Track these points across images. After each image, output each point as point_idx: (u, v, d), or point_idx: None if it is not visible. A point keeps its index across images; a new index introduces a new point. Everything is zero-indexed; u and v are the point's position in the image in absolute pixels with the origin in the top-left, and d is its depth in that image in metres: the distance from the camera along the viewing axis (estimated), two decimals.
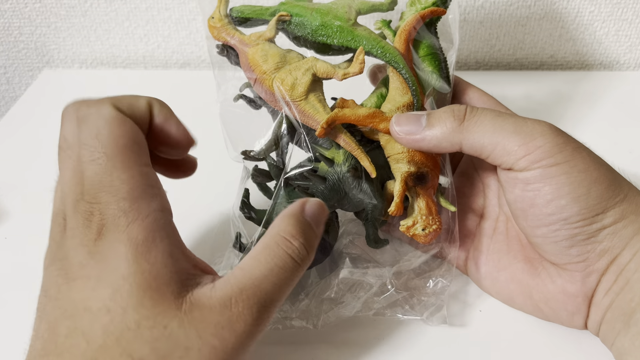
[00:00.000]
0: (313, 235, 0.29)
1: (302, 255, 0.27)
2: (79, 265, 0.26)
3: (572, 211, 0.29)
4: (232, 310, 0.25)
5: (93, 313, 0.25)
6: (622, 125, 0.53)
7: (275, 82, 0.33)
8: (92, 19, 0.63)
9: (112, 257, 0.25)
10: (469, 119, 0.31)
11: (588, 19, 0.61)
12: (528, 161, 0.30)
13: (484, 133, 0.31)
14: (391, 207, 0.33)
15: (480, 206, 0.37)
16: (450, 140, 0.31)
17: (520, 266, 0.34)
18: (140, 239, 0.26)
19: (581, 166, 0.29)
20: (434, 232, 0.33)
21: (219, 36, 0.35)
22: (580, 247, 0.30)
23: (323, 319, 0.34)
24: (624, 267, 0.29)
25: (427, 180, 0.33)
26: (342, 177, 0.33)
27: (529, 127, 0.30)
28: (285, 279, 0.27)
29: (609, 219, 0.29)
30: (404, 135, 0.32)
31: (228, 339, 0.25)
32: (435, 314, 0.34)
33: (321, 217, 0.30)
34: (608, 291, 0.30)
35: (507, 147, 0.30)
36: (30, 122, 0.56)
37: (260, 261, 0.27)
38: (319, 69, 0.33)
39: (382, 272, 0.35)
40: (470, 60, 0.64)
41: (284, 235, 0.28)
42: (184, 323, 0.25)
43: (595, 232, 0.30)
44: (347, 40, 0.34)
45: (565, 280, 0.31)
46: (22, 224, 0.44)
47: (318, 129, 0.32)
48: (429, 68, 0.35)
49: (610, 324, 0.30)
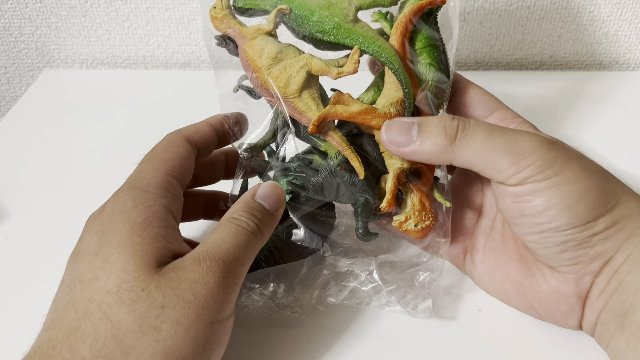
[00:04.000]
0: (263, 213, 0.32)
1: (251, 226, 0.31)
2: (86, 244, 0.29)
3: (562, 220, 0.29)
4: (202, 266, 0.28)
5: (84, 283, 0.27)
6: (622, 126, 0.53)
7: (268, 79, 0.33)
8: (93, 19, 0.63)
9: (111, 232, 0.29)
10: (460, 138, 0.31)
11: (588, 19, 0.61)
12: (518, 179, 0.30)
13: (475, 153, 0.31)
14: (382, 204, 0.33)
15: (478, 204, 0.37)
16: (440, 158, 0.31)
17: (514, 265, 0.34)
18: (139, 220, 0.29)
19: (571, 177, 0.29)
20: (427, 227, 0.33)
21: (219, 26, 0.35)
22: (572, 252, 0.30)
23: (311, 306, 0.35)
24: (617, 269, 0.30)
25: (420, 177, 0.33)
26: (334, 170, 0.33)
27: (520, 145, 0.30)
28: (241, 241, 0.30)
29: (600, 225, 0.29)
30: (394, 147, 0.32)
31: (200, 291, 0.27)
32: (421, 307, 0.35)
33: (275, 196, 0.32)
34: (602, 293, 0.30)
35: (498, 166, 0.30)
36: (30, 122, 0.56)
37: (217, 232, 0.30)
38: (314, 67, 0.33)
39: (369, 262, 0.35)
40: (470, 60, 0.64)
41: (233, 215, 0.31)
42: (161, 284, 0.27)
43: (587, 238, 0.30)
44: (343, 38, 0.33)
45: (559, 281, 0.31)
46: (22, 224, 0.44)
47: (310, 126, 0.32)
48: (427, 60, 0.34)
49: (605, 325, 0.30)
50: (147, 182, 0.31)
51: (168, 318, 0.26)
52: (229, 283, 0.28)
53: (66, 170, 0.50)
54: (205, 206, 0.39)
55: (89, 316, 0.26)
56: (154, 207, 0.30)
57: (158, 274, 0.27)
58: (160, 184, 0.31)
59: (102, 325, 0.26)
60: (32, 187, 0.48)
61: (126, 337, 0.26)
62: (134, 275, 0.27)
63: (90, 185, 0.47)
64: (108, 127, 0.55)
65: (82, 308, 0.27)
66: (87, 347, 0.25)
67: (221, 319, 0.28)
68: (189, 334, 0.27)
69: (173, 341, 0.26)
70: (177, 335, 0.26)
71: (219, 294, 0.28)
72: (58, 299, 0.28)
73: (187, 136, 0.34)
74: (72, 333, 0.26)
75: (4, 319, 0.36)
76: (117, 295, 0.27)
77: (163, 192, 0.31)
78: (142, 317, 0.26)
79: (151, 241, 0.28)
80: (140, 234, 0.28)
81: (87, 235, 0.30)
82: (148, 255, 0.28)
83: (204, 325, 0.27)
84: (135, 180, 0.31)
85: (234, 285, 0.29)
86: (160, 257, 0.28)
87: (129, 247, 0.28)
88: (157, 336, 0.26)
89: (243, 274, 0.30)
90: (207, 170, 0.38)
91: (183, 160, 0.33)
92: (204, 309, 0.27)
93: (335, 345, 0.34)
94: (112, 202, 0.30)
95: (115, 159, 0.51)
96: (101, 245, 0.28)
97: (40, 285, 0.38)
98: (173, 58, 0.66)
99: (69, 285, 0.28)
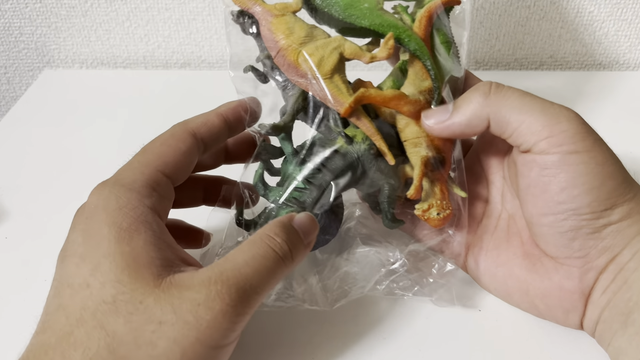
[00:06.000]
0: (298, 239, 0.29)
1: (284, 250, 0.28)
2: (72, 243, 0.28)
3: (583, 202, 0.29)
4: (210, 289, 0.26)
5: (74, 289, 0.26)
6: (621, 126, 0.53)
7: (301, 57, 0.32)
8: (93, 19, 0.63)
9: (97, 236, 0.27)
10: (496, 93, 0.31)
11: (588, 19, 0.61)
12: (549, 144, 0.29)
13: (511, 108, 0.31)
14: (410, 191, 0.33)
15: (483, 203, 0.37)
16: (479, 115, 0.31)
17: (518, 262, 0.34)
18: (124, 225, 0.27)
19: (600, 158, 0.29)
20: (447, 216, 0.34)
21: (240, 1, 0.34)
22: (583, 241, 0.30)
23: (331, 299, 0.34)
24: (624, 266, 0.29)
25: (444, 165, 0.34)
26: (362, 155, 0.33)
27: (556, 109, 0.30)
28: (267, 268, 0.27)
29: (616, 215, 0.29)
30: (434, 121, 0.32)
31: (203, 316, 0.25)
32: (443, 296, 0.35)
33: (310, 228, 0.30)
34: (606, 290, 0.30)
35: (532, 126, 0.30)
36: (30, 122, 0.56)
37: (243, 250, 0.28)
38: (347, 49, 0.32)
39: (394, 252, 0.35)
40: (470, 60, 0.64)
41: (268, 233, 0.28)
42: (160, 299, 0.25)
43: (601, 227, 0.30)
44: (375, 23, 0.33)
45: (563, 277, 0.31)
46: (22, 224, 0.44)
47: (344, 108, 0.32)
48: (444, 55, 0.35)
49: (608, 323, 0.30)
50: (133, 178, 0.30)
51: (165, 335, 0.25)
52: (238, 312, 0.26)
53: (66, 170, 0.50)
54: (204, 192, 0.37)
55: (82, 323, 0.25)
56: (139, 209, 0.28)
57: (158, 288, 0.26)
58: (146, 182, 0.30)
59: (95, 333, 0.25)
60: (32, 187, 0.48)
61: (120, 348, 0.25)
62: (131, 288, 0.26)
63: (90, 185, 0.47)
64: (108, 127, 0.55)
65: (74, 314, 0.26)
66: (79, 355, 0.25)
67: (224, 345, 0.26)
68: (185, 356, 0.25)
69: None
70: (173, 355, 0.25)
71: (224, 322, 0.26)
72: (49, 301, 0.27)
73: (194, 129, 0.33)
74: (64, 339, 0.25)
75: (4, 319, 0.36)
76: (114, 305, 0.25)
77: (148, 191, 0.29)
78: (138, 329, 0.25)
79: (141, 250, 0.27)
80: (128, 243, 0.27)
81: (73, 233, 0.28)
82: (141, 267, 0.26)
83: (203, 349, 0.25)
84: (122, 174, 0.30)
85: (243, 315, 0.26)
86: (154, 267, 0.27)
87: (120, 257, 0.26)
88: (152, 352, 0.25)
89: (258, 302, 0.27)
90: (208, 155, 0.36)
91: (181, 156, 0.31)
92: (204, 335, 0.25)
93: (335, 345, 0.34)
94: (95, 198, 0.29)
95: (115, 158, 0.50)
96: (87, 248, 0.27)
97: (40, 285, 0.38)
98: (173, 58, 0.66)
99: (57, 287, 0.27)
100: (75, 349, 0.25)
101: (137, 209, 0.28)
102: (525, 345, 0.34)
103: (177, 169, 0.31)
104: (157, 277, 0.26)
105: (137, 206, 0.28)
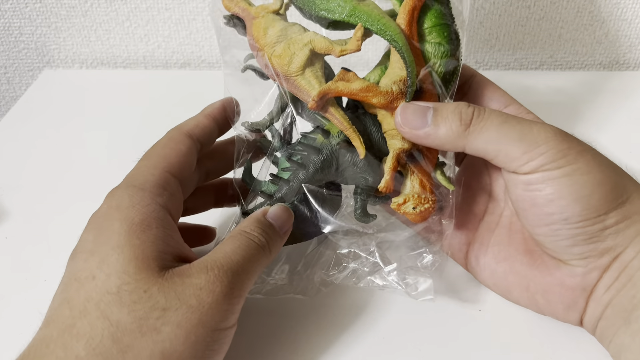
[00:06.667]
0: (273, 231, 0.32)
1: (262, 241, 0.31)
2: (83, 242, 0.29)
3: (574, 212, 0.29)
4: (209, 274, 0.28)
5: (80, 282, 0.27)
6: (622, 126, 0.53)
7: (273, 57, 0.33)
8: (93, 19, 0.63)
9: (107, 231, 0.28)
10: (475, 124, 0.31)
11: (588, 19, 0.61)
12: (530, 167, 0.30)
13: (489, 140, 0.31)
14: (381, 184, 0.32)
15: (485, 200, 0.37)
16: (454, 144, 0.31)
17: (519, 258, 0.34)
18: (136, 220, 0.29)
19: (584, 169, 0.29)
20: (426, 211, 0.33)
21: (228, 5, 0.35)
22: (582, 247, 0.30)
23: (312, 287, 0.35)
24: (628, 264, 0.29)
25: (421, 158, 0.33)
26: (335, 149, 0.33)
27: (534, 134, 0.30)
28: (251, 254, 0.30)
29: (612, 219, 0.29)
30: (408, 129, 0.31)
31: (205, 298, 0.27)
32: (421, 289, 0.34)
33: (284, 218, 0.33)
34: (609, 287, 0.30)
35: (510, 154, 0.30)
36: (30, 122, 0.56)
37: (227, 243, 0.30)
38: (317, 45, 0.33)
39: (370, 243, 0.35)
40: (470, 60, 0.64)
41: (244, 229, 0.31)
42: (164, 287, 0.27)
43: (598, 232, 0.30)
44: (347, 16, 0.33)
45: (565, 274, 0.31)
46: (22, 224, 0.44)
47: (310, 102, 0.32)
48: (436, 40, 0.33)
49: (610, 321, 0.30)
50: (144, 179, 0.31)
51: (169, 321, 0.26)
52: (235, 294, 0.28)
53: (66, 170, 0.50)
54: (215, 196, 0.39)
55: (85, 314, 0.26)
56: (151, 206, 0.30)
57: (161, 278, 0.27)
58: (157, 182, 0.31)
59: (99, 323, 0.26)
60: (32, 187, 0.48)
61: (124, 336, 0.26)
62: (136, 278, 0.27)
63: (90, 185, 0.47)
64: (108, 127, 0.55)
65: (78, 306, 0.26)
66: (82, 345, 0.25)
67: (223, 328, 0.28)
68: (189, 339, 0.26)
69: (172, 344, 0.26)
70: (176, 339, 0.26)
71: (224, 303, 0.28)
72: (55, 297, 0.28)
73: (188, 131, 0.34)
74: (66, 331, 0.26)
75: (4, 319, 0.36)
76: (117, 295, 0.26)
77: (160, 190, 0.31)
78: (142, 317, 0.26)
79: (150, 244, 0.28)
80: (139, 236, 0.28)
81: (85, 233, 0.30)
82: (148, 258, 0.28)
83: (205, 331, 0.27)
84: (132, 177, 0.31)
85: (239, 297, 0.29)
86: (161, 260, 0.28)
87: (129, 249, 0.28)
88: (156, 337, 0.26)
89: (249, 287, 0.30)
90: (218, 162, 0.38)
91: (183, 157, 0.33)
92: (207, 316, 0.27)
93: (334, 345, 0.34)
94: (109, 200, 0.30)
95: (115, 158, 0.51)
96: (97, 244, 0.28)
97: (40, 285, 0.38)
98: (173, 58, 0.66)
99: (65, 283, 0.28)
100: (77, 340, 0.25)
101: (149, 206, 0.30)
102: (525, 345, 0.34)
103: (182, 169, 0.33)
104: (161, 268, 0.28)
105: (150, 203, 0.30)
